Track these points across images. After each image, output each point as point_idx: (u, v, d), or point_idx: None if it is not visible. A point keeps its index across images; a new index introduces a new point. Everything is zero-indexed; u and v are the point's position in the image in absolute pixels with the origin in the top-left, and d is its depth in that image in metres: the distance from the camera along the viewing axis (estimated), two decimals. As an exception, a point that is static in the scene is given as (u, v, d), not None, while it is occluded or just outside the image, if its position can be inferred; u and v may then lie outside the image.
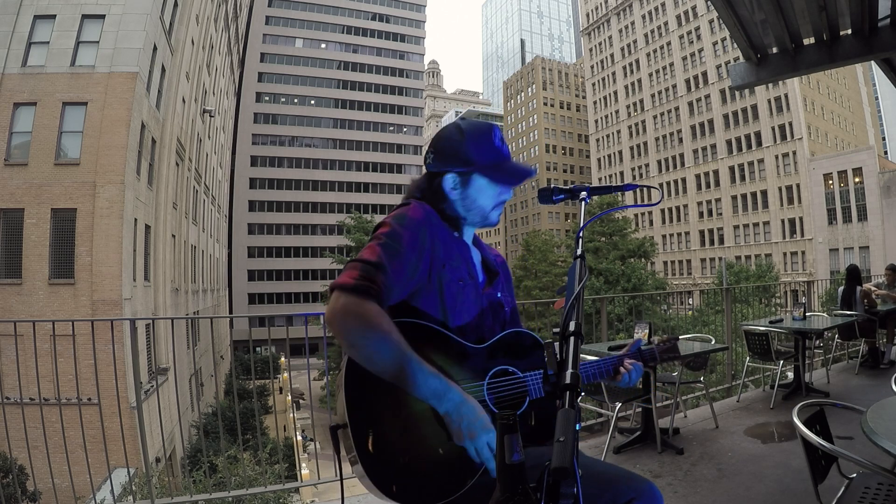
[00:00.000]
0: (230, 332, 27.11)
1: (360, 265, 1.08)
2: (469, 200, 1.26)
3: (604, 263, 31.07)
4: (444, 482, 1.05)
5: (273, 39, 54.98)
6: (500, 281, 1.35)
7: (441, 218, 1.25)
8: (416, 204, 1.22)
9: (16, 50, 13.36)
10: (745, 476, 3.08)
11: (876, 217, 37.75)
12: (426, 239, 1.16)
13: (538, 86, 73.56)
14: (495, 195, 1.27)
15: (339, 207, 52.29)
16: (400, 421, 1.06)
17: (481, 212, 1.27)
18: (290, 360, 7.96)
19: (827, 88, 49.20)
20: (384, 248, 1.11)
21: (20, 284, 12.45)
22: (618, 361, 1.33)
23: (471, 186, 1.26)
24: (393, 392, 1.05)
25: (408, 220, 1.16)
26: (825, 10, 4.43)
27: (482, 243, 1.39)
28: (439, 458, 1.07)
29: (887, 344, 6.06)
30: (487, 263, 1.34)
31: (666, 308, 26.74)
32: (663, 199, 46.54)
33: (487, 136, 1.25)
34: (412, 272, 1.13)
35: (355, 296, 1.03)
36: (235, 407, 5.02)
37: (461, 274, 1.22)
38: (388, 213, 1.24)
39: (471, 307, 1.22)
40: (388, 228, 1.15)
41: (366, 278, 1.06)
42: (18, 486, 8.98)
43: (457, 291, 1.20)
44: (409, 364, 1.02)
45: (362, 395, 1.05)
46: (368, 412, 1.05)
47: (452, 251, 1.23)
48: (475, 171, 1.25)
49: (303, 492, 11.53)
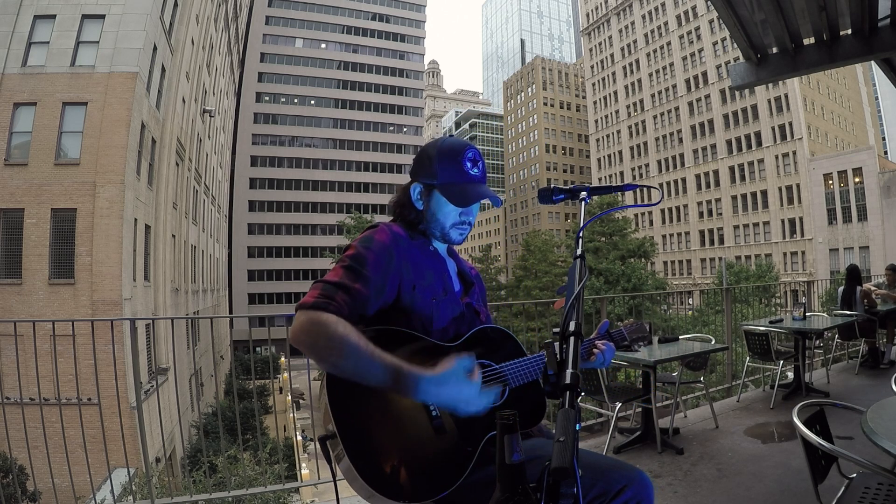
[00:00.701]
0: (230, 332, 27.11)
1: (321, 285, 1.12)
2: (429, 213, 1.30)
3: (604, 263, 31.08)
4: (438, 477, 1.07)
5: (273, 39, 54.99)
6: (475, 291, 1.39)
7: (411, 232, 1.29)
8: (382, 227, 1.26)
9: (16, 50, 13.36)
10: (745, 476, 3.08)
11: (876, 217, 37.75)
12: (392, 261, 1.19)
13: (538, 86, 73.57)
14: (454, 214, 1.29)
15: (339, 207, 52.31)
16: (388, 420, 1.08)
17: (440, 227, 1.30)
18: (290, 360, 7.96)
19: (827, 88, 49.20)
20: (347, 269, 1.14)
21: (20, 284, 12.45)
22: (588, 344, 1.34)
23: (432, 200, 1.30)
24: (376, 394, 1.07)
25: (374, 242, 1.20)
26: (825, 10, 4.42)
27: (458, 256, 1.44)
28: (429, 453, 1.09)
29: (887, 344, 6.06)
30: (463, 274, 1.39)
31: (666, 308, 26.75)
32: (663, 199, 46.57)
33: (457, 156, 1.29)
34: (377, 293, 1.16)
35: (313, 311, 1.07)
36: (235, 407, 5.01)
37: (435, 291, 1.25)
38: (389, 213, 1.27)
39: (445, 315, 1.25)
40: (353, 251, 1.18)
41: (325, 296, 1.09)
42: (18, 486, 8.97)
43: (430, 307, 1.23)
44: (373, 363, 1.03)
45: (346, 402, 1.08)
46: (355, 417, 1.07)
47: (424, 270, 1.26)
48: (435, 188, 1.28)
49: (303, 492, 11.52)
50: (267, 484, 5.46)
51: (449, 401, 1.05)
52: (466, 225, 1.31)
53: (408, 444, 1.08)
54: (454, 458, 1.10)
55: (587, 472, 1.09)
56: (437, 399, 1.06)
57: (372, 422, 1.07)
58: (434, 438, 1.10)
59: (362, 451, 1.04)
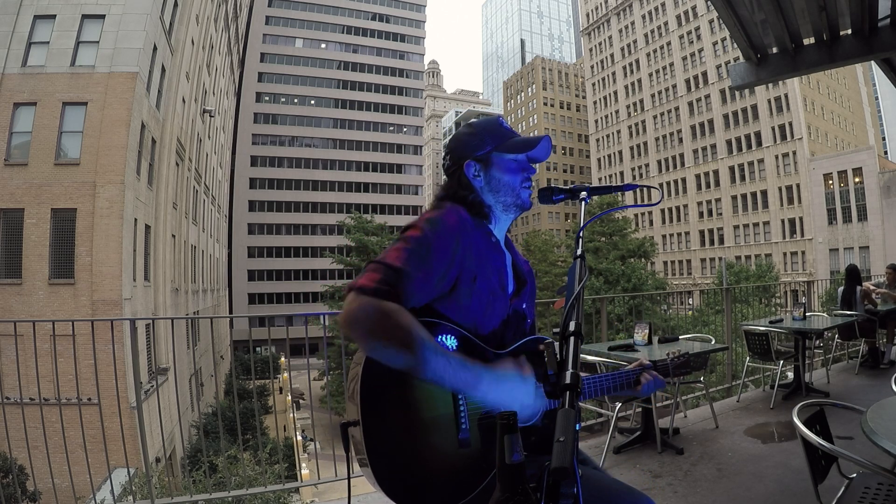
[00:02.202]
0: (230, 332, 27.10)
1: (382, 268, 1.02)
2: (495, 181, 1.24)
3: (604, 263, 31.05)
4: (455, 486, 1.05)
5: (273, 39, 54.98)
6: (526, 291, 1.31)
7: (475, 216, 1.22)
8: (450, 208, 1.17)
9: (16, 50, 13.36)
10: (745, 476, 3.08)
11: (876, 217, 37.75)
12: (458, 248, 1.11)
13: (538, 86, 73.58)
14: (519, 169, 1.25)
15: (339, 207, 52.24)
16: (414, 424, 1.05)
17: (511, 190, 1.25)
18: (290, 360, 7.96)
19: (827, 88, 49.20)
20: (411, 254, 1.05)
21: (20, 284, 12.45)
22: (638, 372, 1.33)
23: (493, 166, 1.25)
24: (409, 395, 1.04)
25: (441, 225, 1.11)
26: (825, 10, 4.42)
27: (513, 247, 1.35)
28: (450, 464, 1.06)
29: (887, 344, 6.06)
30: (518, 271, 1.30)
31: (666, 308, 26.74)
32: (663, 199, 46.47)
33: (494, 122, 1.30)
34: (438, 282, 1.08)
35: (374, 297, 0.99)
36: (235, 407, 5.01)
37: (492, 286, 1.18)
38: (389, 213, 1.21)
39: (494, 317, 1.19)
40: (418, 232, 1.09)
41: (387, 283, 1.01)
42: (18, 486, 8.97)
43: (486, 304, 1.17)
44: (437, 357, 0.99)
45: (378, 396, 1.03)
46: (383, 413, 1.03)
47: (487, 261, 1.18)
48: (492, 151, 1.25)
49: (303, 492, 11.54)
50: (267, 484, 5.45)
51: (506, 399, 1.04)
52: (530, 182, 1.27)
53: (427, 452, 1.05)
54: (468, 475, 1.06)
55: (594, 493, 1.07)
56: (495, 397, 1.04)
57: (398, 421, 1.04)
58: (455, 452, 1.06)
59: (380, 445, 1.02)
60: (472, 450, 1.07)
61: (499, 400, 1.05)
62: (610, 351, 3.65)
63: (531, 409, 1.08)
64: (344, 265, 31.05)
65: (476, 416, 1.09)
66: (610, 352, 3.63)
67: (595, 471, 1.20)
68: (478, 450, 1.08)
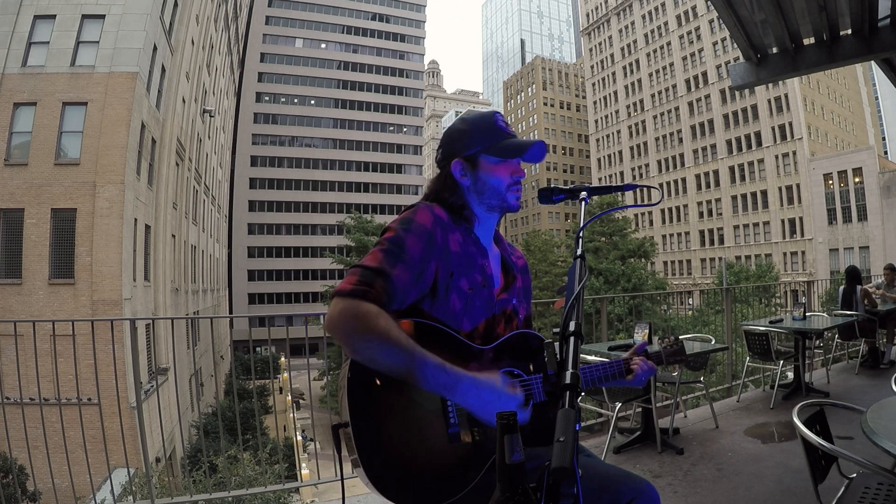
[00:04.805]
0: (230, 332, 27.07)
1: (359, 271, 1.06)
2: (480, 183, 1.24)
3: (604, 263, 31.04)
4: (446, 483, 1.05)
5: (273, 39, 54.99)
6: (516, 286, 1.30)
7: (454, 216, 1.22)
8: (423, 207, 1.18)
9: (16, 50, 13.36)
10: (745, 476, 3.08)
11: (876, 217, 37.75)
12: (433, 245, 1.13)
13: (538, 86, 73.58)
14: (507, 173, 1.24)
15: (339, 207, 52.23)
16: (402, 421, 1.05)
17: (496, 193, 1.23)
18: (290, 360, 7.97)
19: (827, 88, 49.20)
20: (386, 253, 1.08)
21: (20, 284, 12.45)
22: (627, 361, 1.33)
23: (480, 168, 1.23)
24: (396, 392, 1.05)
25: (414, 224, 1.13)
26: (825, 10, 4.42)
27: (505, 242, 1.34)
28: (442, 459, 1.06)
29: (887, 344, 6.07)
30: (507, 265, 1.30)
31: (666, 308, 26.76)
32: (663, 199, 46.40)
33: (489, 119, 1.25)
34: (416, 278, 1.10)
35: (352, 299, 1.02)
36: (235, 407, 5.01)
37: (473, 281, 1.18)
38: (389, 213, 1.22)
39: (478, 313, 1.19)
40: (392, 233, 1.12)
41: (364, 283, 1.04)
42: (18, 486, 8.97)
43: (466, 300, 1.17)
44: (414, 360, 1.01)
45: (365, 395, 1.05)
46: (371, 412, 1.04)
47: (464, 257, 1.19)
48: (481, 152, 1.23)
49: (303, 492, 11.52)
50: (267, 484, 5.46)
51: (487, 405, 1.04)
52: (519, 186, 1.25)
53: (418, 448, 1.05)
54: (461, 471, 1.07)
55: (595, 480, 1.07)
56: (472, 401, 1.04)
57: (387, 419, 1.05)
58: (446, 447, 1.07)
59: (371, 444, 1.03)
60: (463, 445, 1.08)
61: (475, 405, 1.05)
62: (610, 351, 3.65)
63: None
64: (344, 265, 31.04)
65: (465, 411, 1.08)
66: (610, 352, 3.62)
67: (589, 458, 1.20)
68: (470, 444, 1.08)
